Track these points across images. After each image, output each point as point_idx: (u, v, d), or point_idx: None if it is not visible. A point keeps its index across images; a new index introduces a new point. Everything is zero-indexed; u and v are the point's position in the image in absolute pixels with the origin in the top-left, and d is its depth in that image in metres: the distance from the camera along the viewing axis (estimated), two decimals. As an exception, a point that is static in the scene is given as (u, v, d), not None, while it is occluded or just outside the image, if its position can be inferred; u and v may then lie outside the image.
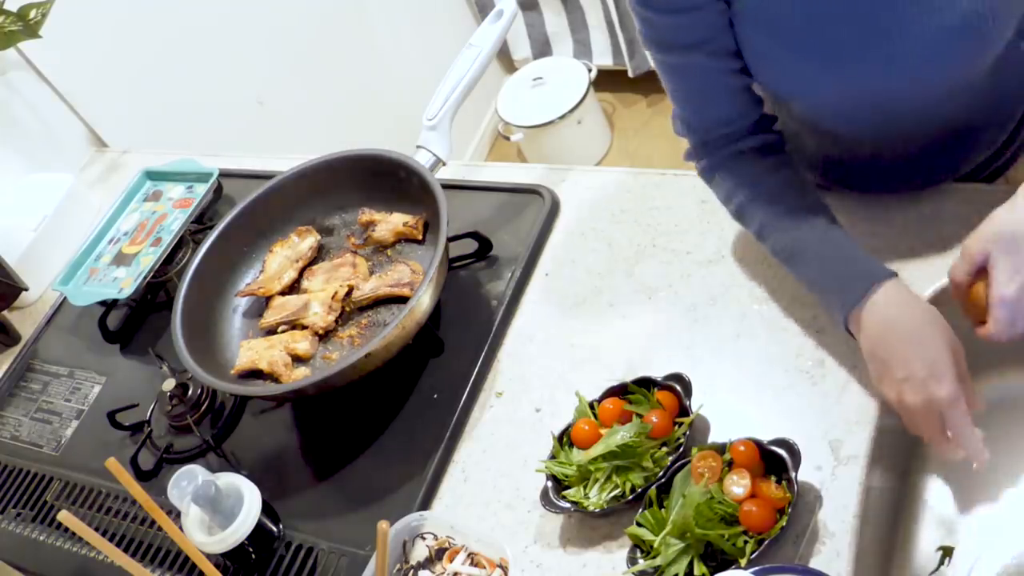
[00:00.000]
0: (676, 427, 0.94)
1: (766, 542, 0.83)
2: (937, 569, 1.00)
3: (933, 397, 0.83)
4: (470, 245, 1.21)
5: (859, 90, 0.93)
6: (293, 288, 1.23)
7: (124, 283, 1.36)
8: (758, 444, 0.88)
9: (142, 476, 1.17)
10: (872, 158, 1.06)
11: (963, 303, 0.86)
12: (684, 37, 0.93)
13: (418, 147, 1.20)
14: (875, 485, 0.92)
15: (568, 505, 0.92)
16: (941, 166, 1.06)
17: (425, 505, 1.02)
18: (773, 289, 1.04)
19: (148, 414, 1.23)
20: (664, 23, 0.93)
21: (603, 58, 2.75)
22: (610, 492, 0.92)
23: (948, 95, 0.95)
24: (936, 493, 1.02)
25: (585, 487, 0.93)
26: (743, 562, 0.82)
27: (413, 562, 0.95)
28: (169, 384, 1.20)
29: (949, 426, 0.84)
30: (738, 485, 0.86)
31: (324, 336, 1.17)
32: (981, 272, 0.84)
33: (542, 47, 2.84)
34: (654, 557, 0.85)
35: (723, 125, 0.99)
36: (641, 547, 0.88)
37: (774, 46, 0.92)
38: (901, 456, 1.02)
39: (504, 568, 0.91)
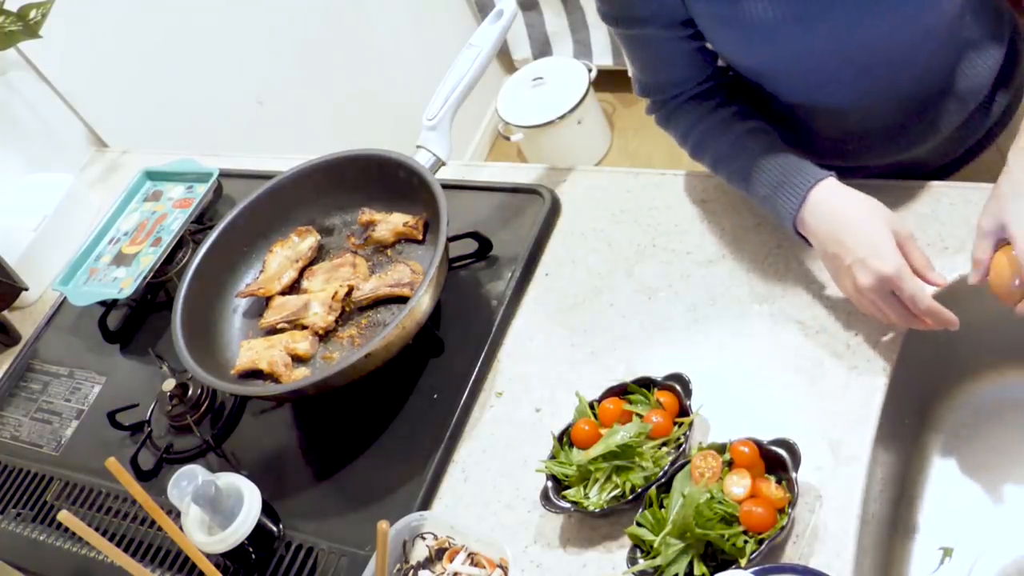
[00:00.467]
0: (676, 427, 0.94)
1: (766, 542, 0.83)
2: (937, 569, 1.00)
3: (880, 273, 0.87)
4: (470, 245, 1.21)
5: (829, 43, 0.96)
6: (293, 288, 1.23)
7: (124, 283, 1.36)
8: (758, 444, 0.88)
9: (142, 476, 1.17)
10: (857, 125, 1.08)
11: (990, 282, 0.88)
12: (638, 11, 1.00)
13: (418, 147, 1.20)
14: (875, 485, 0.92)
15: (568, 505, 0.92)
16: (926, 125, 1.08)
17: (425, 505, 1.02)
18: (773, 289, 1.05)
19: (148, 414, 1.23)
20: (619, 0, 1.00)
21: (603, 58, 2.75)
22: (610, 492, 0.92)
23: (920, 41, 0.97)
24: (936, 493, 1.03)
25: (585, 487, 0.93)
26: (743, 562, 0.82)
27: (413, 562, 0.95)
28: (169, 384, 1.20)
29: (905, 298, 0.88)
30: (738, 485, 0.86)
31: (324, 336, 1.17)
32: (999, 245, 0.87)
33: (542, 47, 2.84)
34: (654, 557, 0.85)
35: (678, 85, 1.07)
36: (641, 547, 0.88)
37: (738, 11, 0.94)
38: (901, 456, 1.02)
39: (504, 568, 0.91)
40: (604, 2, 1.02)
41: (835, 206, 0.93)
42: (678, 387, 0.96)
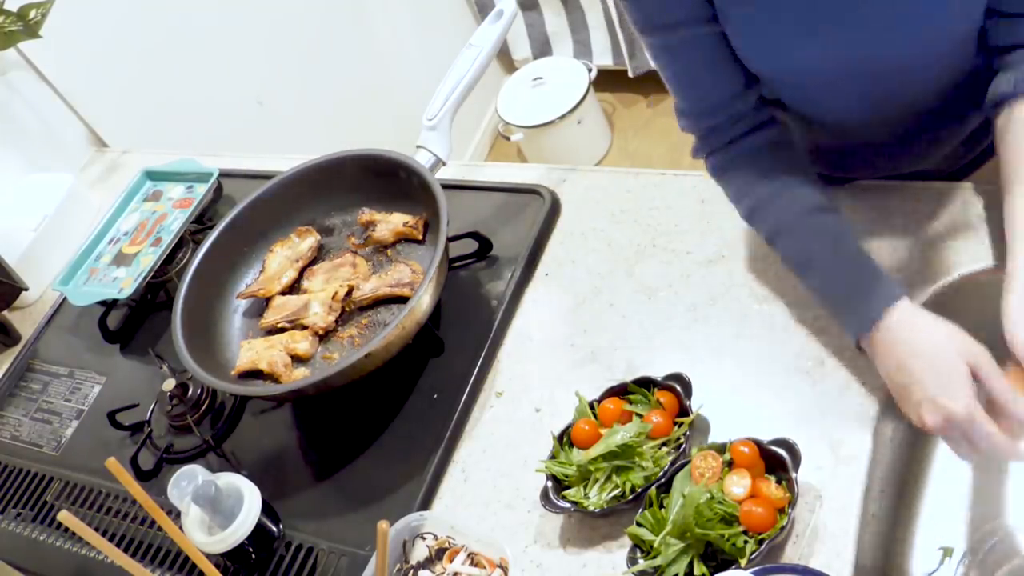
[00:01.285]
0: (676, 427, 0.94)
1: (766, 542, 0.83)
2: (937, 569, 1.00)
3: (949, 415, 0.81)
4: (470, 245, 1.21)
5: (842, 56, 0.92)
6: (293, 288, 1.23)
7: (124, 283, 1.36)
8: (758, 444, 0.88)
9: (142, 476, 1.17)
10: (863, 135, 1.06)
11: None
12: (671, 15, 0.93)
13: (418, 147, 1.20)
14: (875, 485, 0.92)
15: (568, 505, 0.92)
16: (931, 137, 1.06)
17: (425, 505, 1.02)
18: (773, 289, 1.04)
19: (148, 414, 1.23)
20: (650, 3, 0.93)
21: (603, 58, 2.75)
22: (610, 492, 0.92)
23: (932, 59, 0.94)
24: (936, 493, 1.02)
25: (585, 487, 0.93)
26: (743, 562, 0.82)
27: (413, 562, 0.95)
28: (169, 384, 1.20)
29: (974, 439, 0.82)
30: (738, 485, 0.86)
31: (324, 336, 1.17)
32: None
33: (542, 47, 2.84)
34: (654, 557, 0.85)
35: (723, 107, 0.97)
36: (641, 547, 0.88)
37: (754, 14, 0.90)
38: (901, 456, 1.02)
39: (504, 568, 0.91)
40: (637, 9, 0.94)
41: (908, 336, 0.86)
42: (678, 387, 0.96)
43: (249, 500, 1.00)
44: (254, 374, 1.14)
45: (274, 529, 1.05)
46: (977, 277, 0.98)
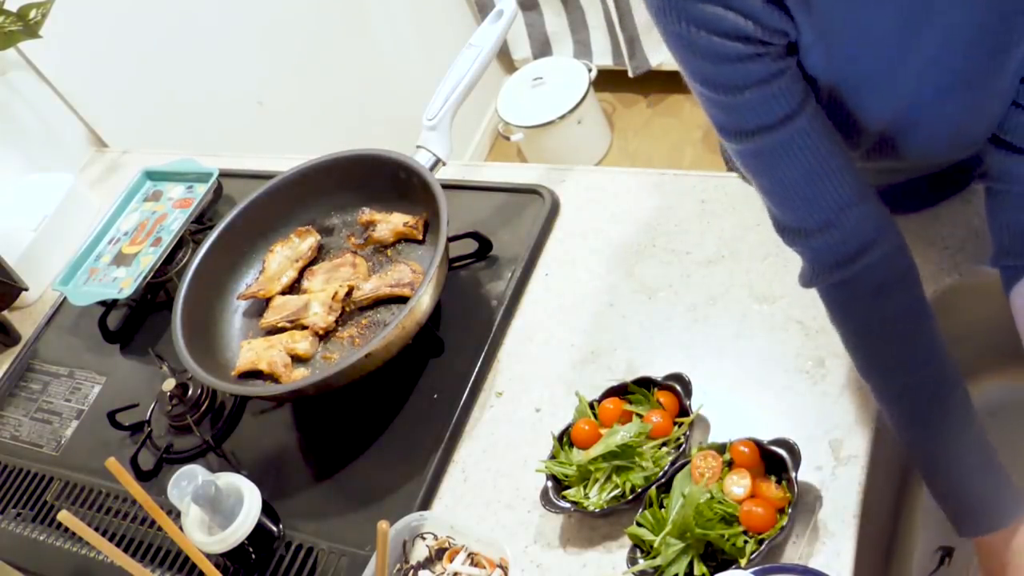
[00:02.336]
0: (676, 427, 0.94)
1: (766, 542, 0.83)
2: (937, 569, 1.00)
3: None
4: (470, 245, 1.21)
5: (947, 121, 0.83)
6: (293, 288, 1.23)
7: (124, 283, 1.36)
8: (758, 444, 0.88)
9: (142, 476, 1.17)
10: (903, 179, 1.00)
11: None
12: (767, 112, 0.77)
13: (418, 147, 1.20)
14: (875, 485, 0.92)
15: (568, 505, 0.92)
16: (962, 178, 1.02)
17: (425, 505, 1.02)
18: (773, 289, 1.04)
19: (148, 414, 1.23)
20: (737, 102, 0.77)
21: (603, 58, 2.75)
22: (610, 492, 0.92)
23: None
24: (936, 493, 1.02)
25: (585, 487, 0.93)
26: (743, 562, 0.82)
27: (413, 562, 0.95)
28: (169, 384, 1.20)
29: None
30: (738, 485, 0.86)
31: (324, 336, 1.17)
32: None
33: (542, 47, 2.84)
34: (654, 557, 0.85)
35: (833, 209, 0.80)
36: (641, 547, 0.88)
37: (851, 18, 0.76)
38: (901, 456, 1.02)
39: (504, 568, 0.91)
40: (715, 108, 0.79)
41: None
42: (678, 387, 0.96)
43: (249, 500, 1.00)
44: (254, 374, 1.14)
45: (274, 529, 1.05)
46: (977, 277, 0.98)
